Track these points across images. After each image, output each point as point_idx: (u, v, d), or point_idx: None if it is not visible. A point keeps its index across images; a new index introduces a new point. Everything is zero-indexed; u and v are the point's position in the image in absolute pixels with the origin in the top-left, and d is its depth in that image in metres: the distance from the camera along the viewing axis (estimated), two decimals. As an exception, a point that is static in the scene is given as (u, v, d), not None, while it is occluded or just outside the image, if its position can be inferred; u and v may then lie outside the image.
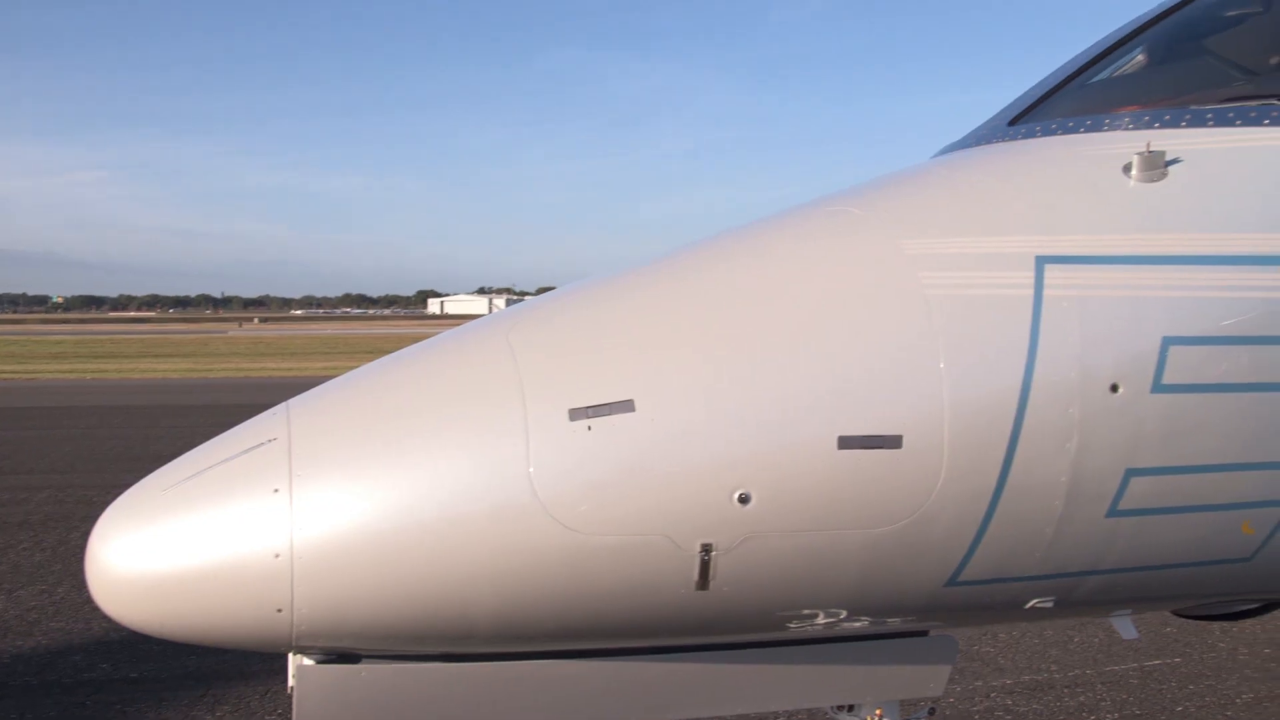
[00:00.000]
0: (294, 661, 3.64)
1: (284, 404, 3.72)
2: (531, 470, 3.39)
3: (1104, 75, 5.14)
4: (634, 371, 3.53)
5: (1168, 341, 3.79)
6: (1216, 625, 10.12)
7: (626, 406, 3.45)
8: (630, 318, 3.71)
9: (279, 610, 3.37)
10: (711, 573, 3.51)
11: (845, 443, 3.50)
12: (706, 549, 3.48)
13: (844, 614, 3.85)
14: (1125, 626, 5.11)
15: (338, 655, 3.64)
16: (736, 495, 3.45)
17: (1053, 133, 4.51)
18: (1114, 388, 3.72)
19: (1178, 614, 5.46)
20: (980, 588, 3.87)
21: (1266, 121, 4.33)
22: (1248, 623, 10.01)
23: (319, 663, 3.64)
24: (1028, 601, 4.08)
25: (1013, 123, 4.77)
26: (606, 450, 3.42)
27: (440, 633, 3.54)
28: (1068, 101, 4.87)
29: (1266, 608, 5.44)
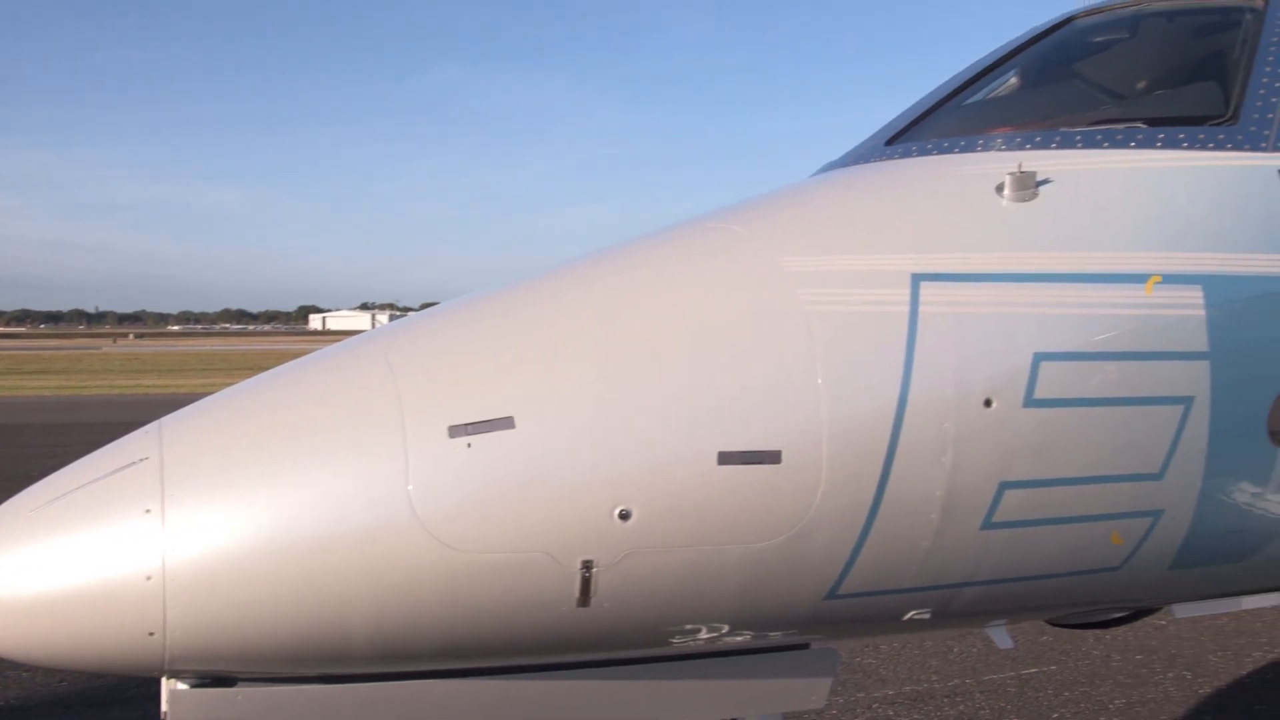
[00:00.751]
0: (167, 686, 3.56)
1: (156, 422, 3.64)
2: (410, 488, 3.36)
3: (978, 97, 5.27)
4: (514, 388, 3.52)
5: (1039, 357, 3.88)
6: (1090, 633, 10.35)
7: (506, 423, 3.44)
8: (510, 334, 3.70)
9: (151, 634, 3.29)
10: (592, 589, 3.51)
11: (725, 458, 3.52)
12: (587, 565, 3.48)
13: (726, 628, 3.87)
14: (1001, 636, 5.20)
15: (213, 679, 3.57)
16: (617, 511, 3.45)
17: (928, 152, 4.60)
18: (987, 403, 3.80)
19: (1052, 623, 5.58)
20: (859, 600, 3.92)
21: (1132, 144, 4.47)
22: (1120, 630, 10.23)
23: (193, 687, 3.55)
24: (906, 613, 4.14)
25: (890, 142, 4.86)
26: (486, 467, 3.41)
27: (318, 654, 3.49)
28: (943, 122, 4.97)
29: (1136, 615, 5.60)
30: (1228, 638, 10.51)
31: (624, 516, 3.46)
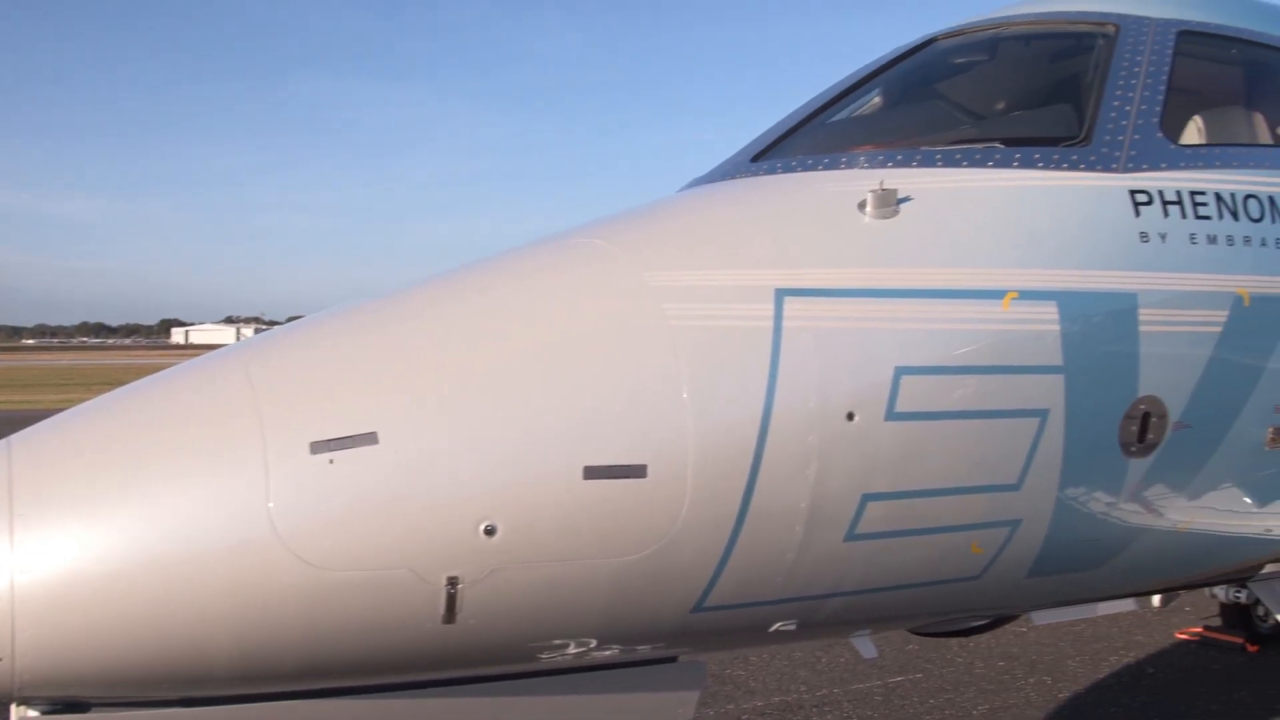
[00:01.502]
0: (16, 713, 3.44)
1: (5, 440, 3.52)
2: (271, 505, 3.30)
3: (842, 116, 5.35)
4: (378, 403, 3.48)
5: (900, 371, 3.95)
6: (954, 641, 10.52)
7: (370, 439, 3.39)
8: (375, 349, 3.66)
9: None
10: (458, 606, 3.47)
11: (591, 473, 3.52)
12: (453, 582, 3.44)
13: (593, 643, 3.86)
14: (865, 646, 5.27)
15: (65, 704, 3.46)
16: (483, 527, 3.43)
17: (793, 169, 4.66)
18: (850, 416, 3.86)
19: (915, 632, 5.69)
20: (725, 613, 3.94)
21: (990, 163, 4.58)
22: (982, 637, 10.46)
23: (44, 713, 3.44)
24: (771, 625, 4.17)
25: (755, 159, 4.92)
26: (349, 484, 3.36)
27: (176, 676, 3.40)
28: (807, 140, 5.05)
29: (997, 622, 5.73)
30: (1085, 642, 10.79)
31: (490, 532, 3.44)
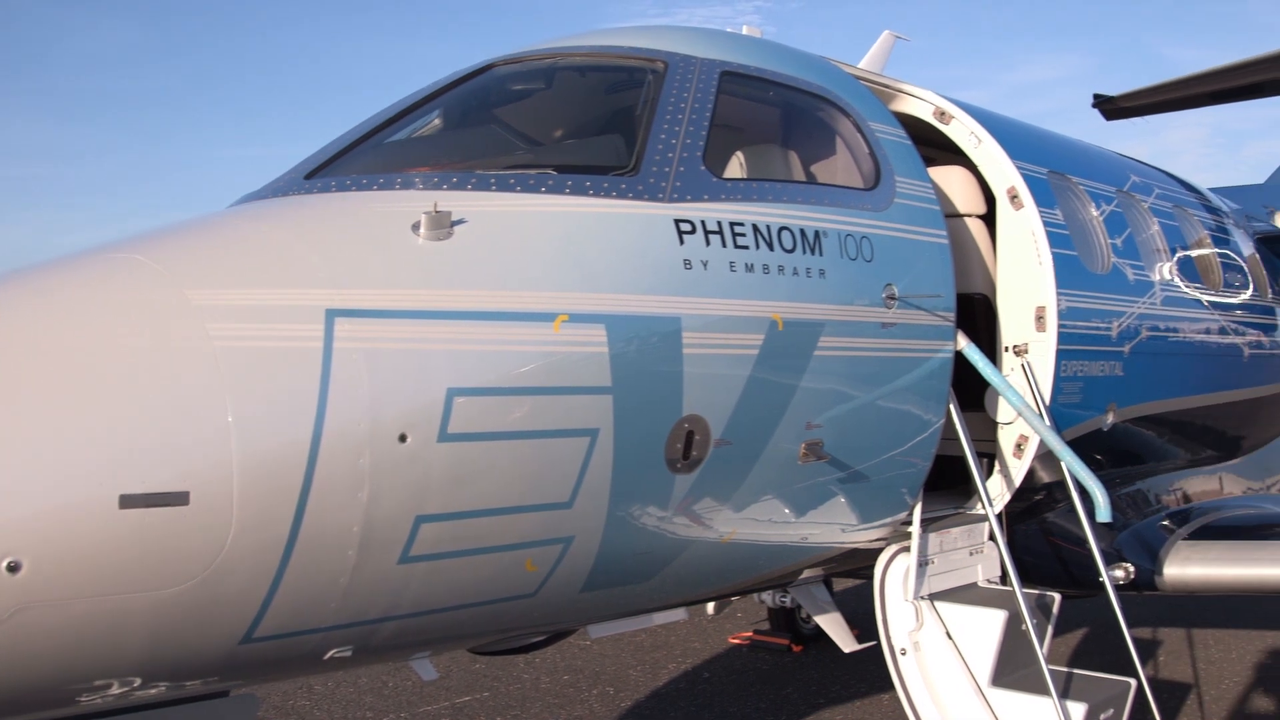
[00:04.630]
0: None
1: None
2: None
3: (400, 136, 5.33)
4: None
5: (453, 392, 3.96)
6: (521, 658, 10.70)
7: None
8: None
9: None
10: None
11: (127, 502, 3.31)
12: None
13: (137, 682, 3.65)
14: (425, 668, 5.25)
15: None
16: (4, 564, 3.16)
17: (347, 188, 4.59)
18: (402, 438, 3.83)
19: (477, 651, 5.72)
20: (277, 642, 3.83)
21: (543, 189, 4.68)
22: (547, 653, 10.69)
23: None
24: (327, 651, 4.09)
25: (309, 176, 4.81)
26: None
27: None
28: (363, 159, 4.99)
29: (556, 637, 5.86)
30: (646, 652, 11.23)
31: (13, 569, 3.17)
